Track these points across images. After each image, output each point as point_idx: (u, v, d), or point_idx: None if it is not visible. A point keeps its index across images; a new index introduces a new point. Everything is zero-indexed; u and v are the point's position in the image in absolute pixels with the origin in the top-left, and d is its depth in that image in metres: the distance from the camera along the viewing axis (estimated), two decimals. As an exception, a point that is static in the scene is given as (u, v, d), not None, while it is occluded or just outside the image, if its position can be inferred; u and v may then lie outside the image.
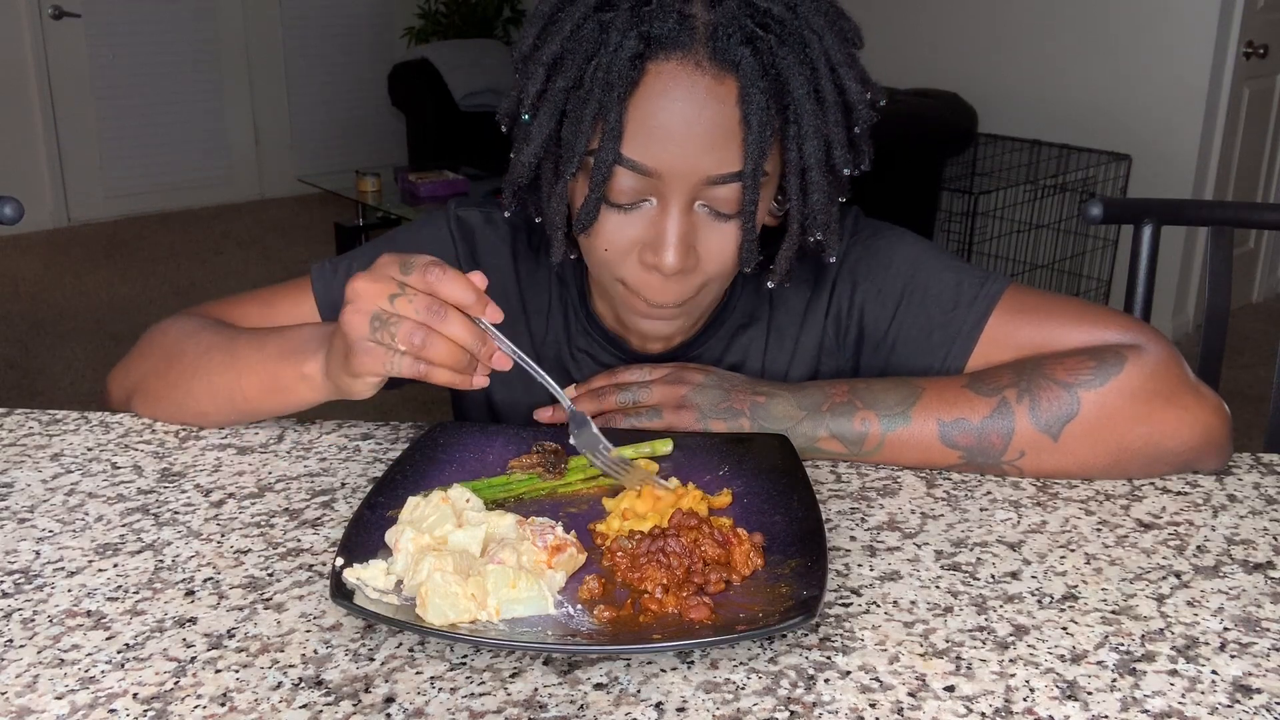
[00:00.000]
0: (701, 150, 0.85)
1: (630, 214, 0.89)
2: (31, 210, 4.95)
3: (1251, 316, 4.29)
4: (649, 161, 0.86)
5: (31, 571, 0.81)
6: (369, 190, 4.54)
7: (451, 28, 6.06)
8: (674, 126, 0.85)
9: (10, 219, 1.40)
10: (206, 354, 1.00)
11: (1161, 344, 0.96)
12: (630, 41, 0.84)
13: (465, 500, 0.81)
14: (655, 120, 0.85)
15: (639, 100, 0.85)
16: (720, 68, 0.85)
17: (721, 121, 0.85)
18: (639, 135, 0.85)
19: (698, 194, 0.88)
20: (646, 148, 0.85)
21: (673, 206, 0.88)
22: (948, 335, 1.00)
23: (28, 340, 4.11)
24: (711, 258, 0.91)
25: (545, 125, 0.88)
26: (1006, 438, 0.93)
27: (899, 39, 4.50)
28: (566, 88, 0.87)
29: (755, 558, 0.77)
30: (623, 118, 0.85)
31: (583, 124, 0.86)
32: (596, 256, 0.93)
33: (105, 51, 5.46)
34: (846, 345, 1.06)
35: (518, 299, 1.09)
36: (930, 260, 1.04)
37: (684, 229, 0.88)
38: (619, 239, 0.90)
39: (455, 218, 1.09)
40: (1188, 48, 3.86)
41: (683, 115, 0.85)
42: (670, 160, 0.86)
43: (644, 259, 0.90)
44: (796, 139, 0.88)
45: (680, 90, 0.85)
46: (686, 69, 0.84)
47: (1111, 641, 0.72)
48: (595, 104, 0.85)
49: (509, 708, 0.66)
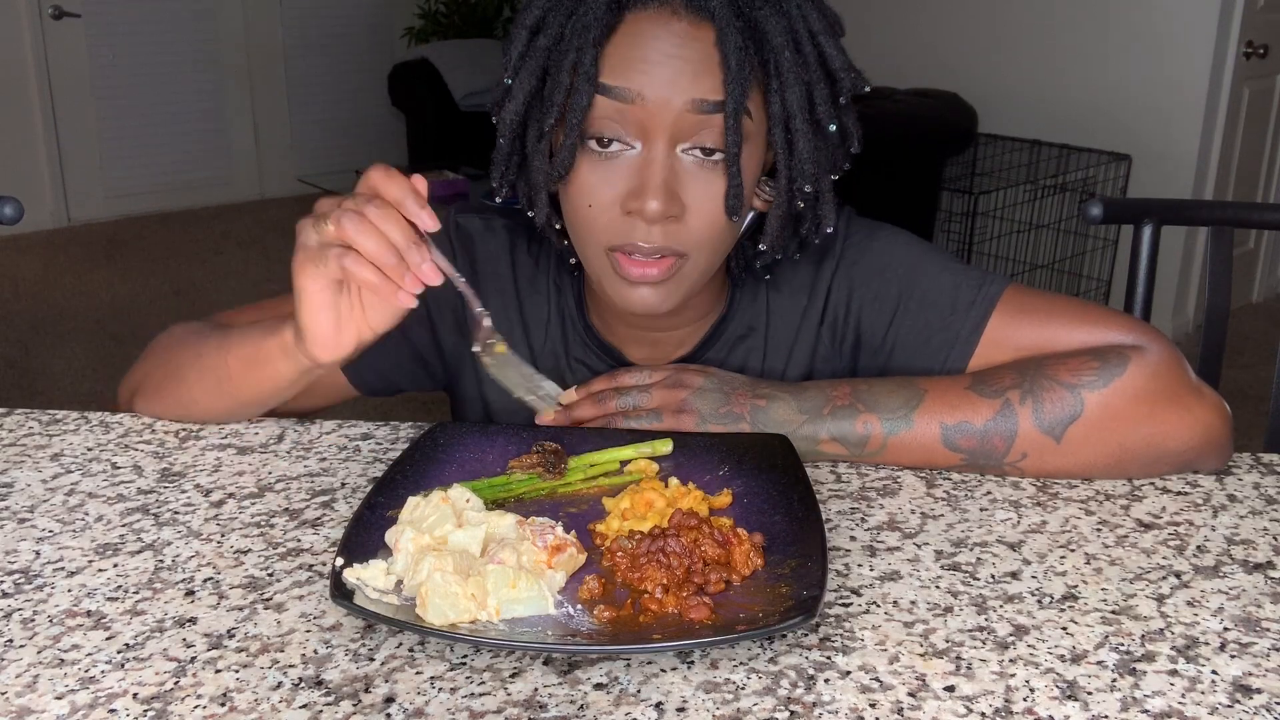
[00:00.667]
0: (682, 79, 0.86)
1: (613, 163, 0.88)
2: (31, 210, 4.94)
3: (1251, 316, 4.29)
4: (630, 85, 0.86)
5: (31, 571, 0.81)
6: (369, 190, 4.53)
7: (451, 28, 6.06)
8: (654, 59, 0.86)
9: (10, 219, 1.40)
10: (203, 342, 1.01)
11: (1163, 344, 0.96)
12: None
13: (465, 500, 0.81)
14: (633, 55, 0.86)
15: (615, 41, 0.86)
16: (696, 14, 0.86)
17: (700, 58, 0.86)
18: (617, 67, 0.86)
19: (680, 133, 0.87)
20: (626, 76, 0.86)
21: (656, 147, 0.87)
22: (946, 340, 1.00)
23: (28, 340, 4.11)
24: (698, 210, 0.89)
25: (526, 82, 0.89)
26: (1009, 440, 0.93)
27: (899, 39, 4.50)
28: (548, 45, 0.88)
29: (755, 558, 0.77)
30: (598, 59, 0.86)
31: (562, 74, 0.87)
32: (580, 217, 0.91)
33: (105, 51, 5.46)
34: (843, 351, 1.06)
35: (516, 307, 1.08)
36: (926, 263, 1.03)
37: (667, 172, 0.88)
38: (602, 192, 0.89)
39: (455, 224, 1.09)
40: (1188, 48, 3.86)
41: (660, 51, 0.86)
42: (650, 85, 0.86)
43: (627, 205, 0.89)
44: (779, 90, 0.88)
45: (658, 30, 0.86)
46: (663, 16, 0.86)
47: (1111, 641, 0.72)
48: (574, 52, 0.86)
49: (509, 708, 0.66)
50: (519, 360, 0.91)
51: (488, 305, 1.07)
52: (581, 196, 0.90)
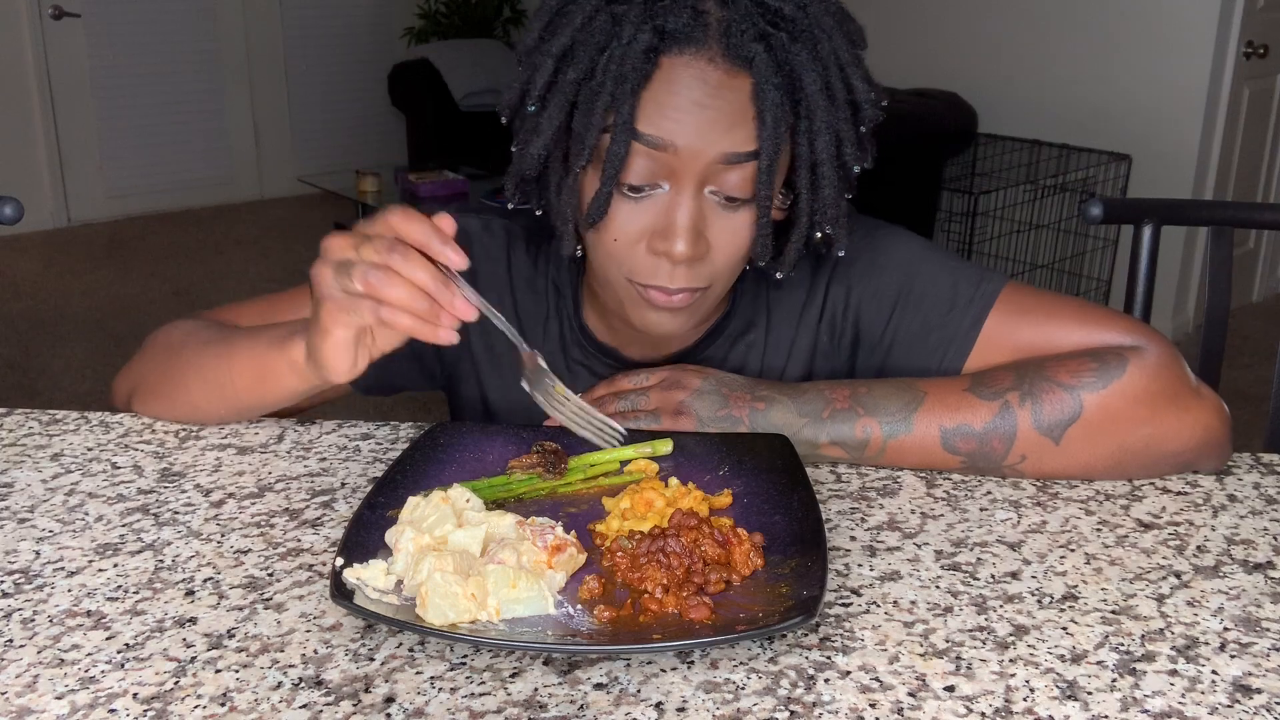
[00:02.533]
0: (715, 128, 0.85)
1: (641, 203, 0.89)
2: (31, 210, 4.95)
3: (1251, 316, 4.29)
4: (663, 135, 0.85)
5: (31, 571, 0.81)
6: (369, 190, 4.54)
7: (451, 28, 6.06)
8: (687, 108, 0.85)
9: (10, 219, 1.40)
10: (204, 347, 1.01)
11: (1162, 345, 0.96)
12: (644, 35, 0.84)
13: (465, 500, 0.81)
14: (668, 104, 0.85)
15: (652, 90, 0.85)
16: (733, 64, 0.85)
17: (735, 108, 0.85)
18: (652, 116, 0.85)
19: (709, 177, 0.87)
20: (659, 125, 0.85)
21: (684, 191, 0.87)
22: (944, 337, 1.00)
23: (28, 340, 4.11)
24: (722, 247, 0.90)
25: (555, 117, 0.88)
26: (1008, 442, 0.93)
27: (899, 39, 4.50)
28: (577, 79, 0.86)
29: (755, 558, 0.77)
30: (635, 109, 0.85)
31: (594, 115, 0.85)
32: (605, 249, 0.92)
33: (105, 51, 5.46)
34: (842, 348, 1.06)
35: (512, 307, 1.08)
36: (925, 260, 1.03)
37: (694, 215, 0.88)
38: (629, 228, 0.90)
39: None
40: (1188, 48, 3.86)
41: (696, 99, 0.85)
42: (684, 135, 0.85)
43: (653, 246, 0.89)
44: (808, 134, 0.88)
45: (693, 81, 0.85)
46: (699, 63, 0.85)
47: (1111, 641, 0.72)
48: (607, 95, 0.85)
49: (509, 708, 0.66)
50: (576, 398, 0.90)
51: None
52: (608, 232, 0.90)
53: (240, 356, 0.97)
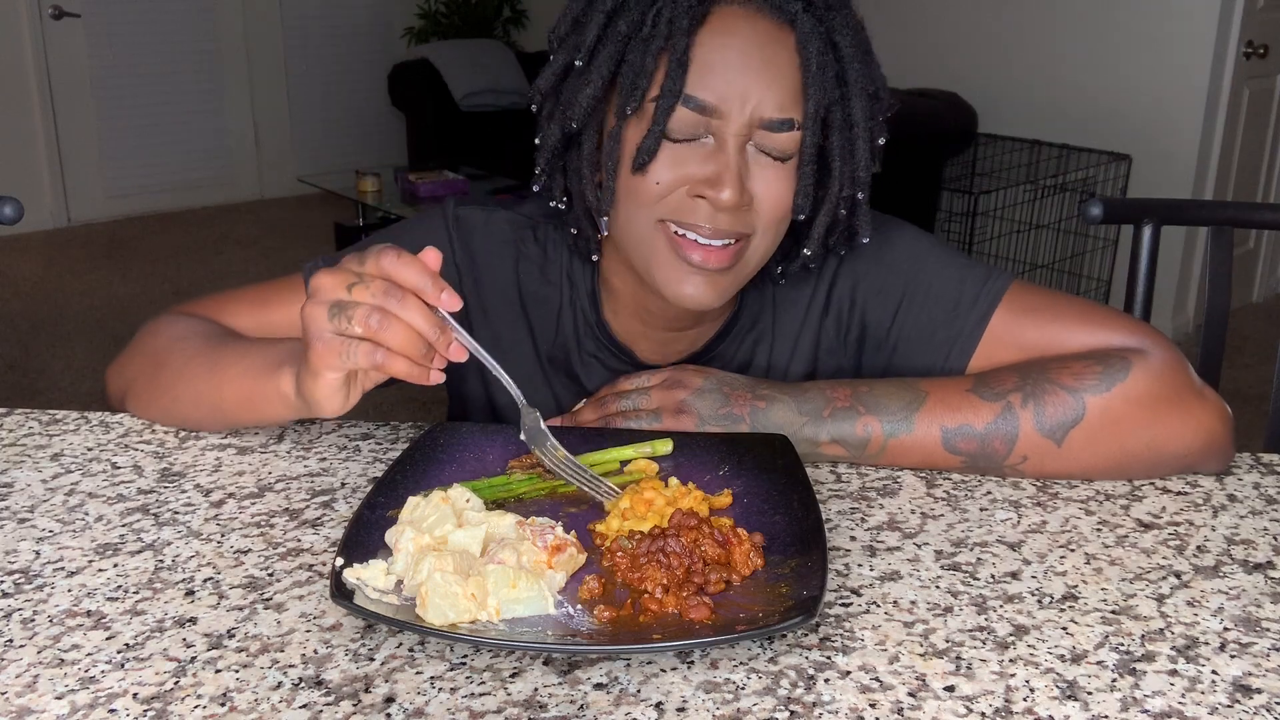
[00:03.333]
0: (758, 90, 0.88)
1: (685, 147, 0.90)
2: (31, 210, 4.95)
3: (1251, 316, 4.29)
4: (710, 99, 0.88)
5: (31, 571, 0.81)
6: (369, 190, 4.54)
7: (451, 28, 6.06)
8: (735, 63, 0.88)
9: (10, 219, 1.40)
10: (191, 361, 0.99)
11: (1166, 347, 0.96)
12: None
13: (465, 500, 0.81)
14: (718, 56, 0.88)
15: (704, 36, 0.88)
16: (779, 18, 0.89)
17: (780, 64, 0.88)
18: (701, 72, 0.87)
19: (750, 135, 0.90)
20: (708, 84, 0.88)
21: (728, 144, 0.89)
22: (949, 335, 1.00)
23: (28, 340, 4.11)
24: (765, 198, 0.91)
25: (605, 67, 0.90)
26: (1010, 443, 0.93)
27: (899, 39, 4.50)
28: (628, 32, 0.89)
29: (755, 558, 0.77)
30: (689, 51, 0.87)
31: (646, 61, 0.88)
32: (643, 195, 0.91)
33: (105, 51, 5.46)
34: (848, 344, 1.06)
35: (518, 299, 1.07)
36: (932, 257, 1.03)
37: (739, 166, 0.89)
38: (671, 172, 0.90)
39: (454, 216, 1.07)
40: (1188, 48, 3.86)
41: (744, 53, 0.88)
42: (730, 100, 0.87)
43: (697, 190, 0.90)
44: (844, 99, 0.91)
45: (743, 30, 0.88)
46: (748, 13, 0.89)
47: (1111, 641, 0.72)
48: (661, 40, 0.87)
49: (509, 708, 0.66)
50: (573, 458, 0.90)
51: (486, 299, 1.07)
52: (648, 179, 0.91)
53: (228, 378, 0.96)
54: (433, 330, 0.78)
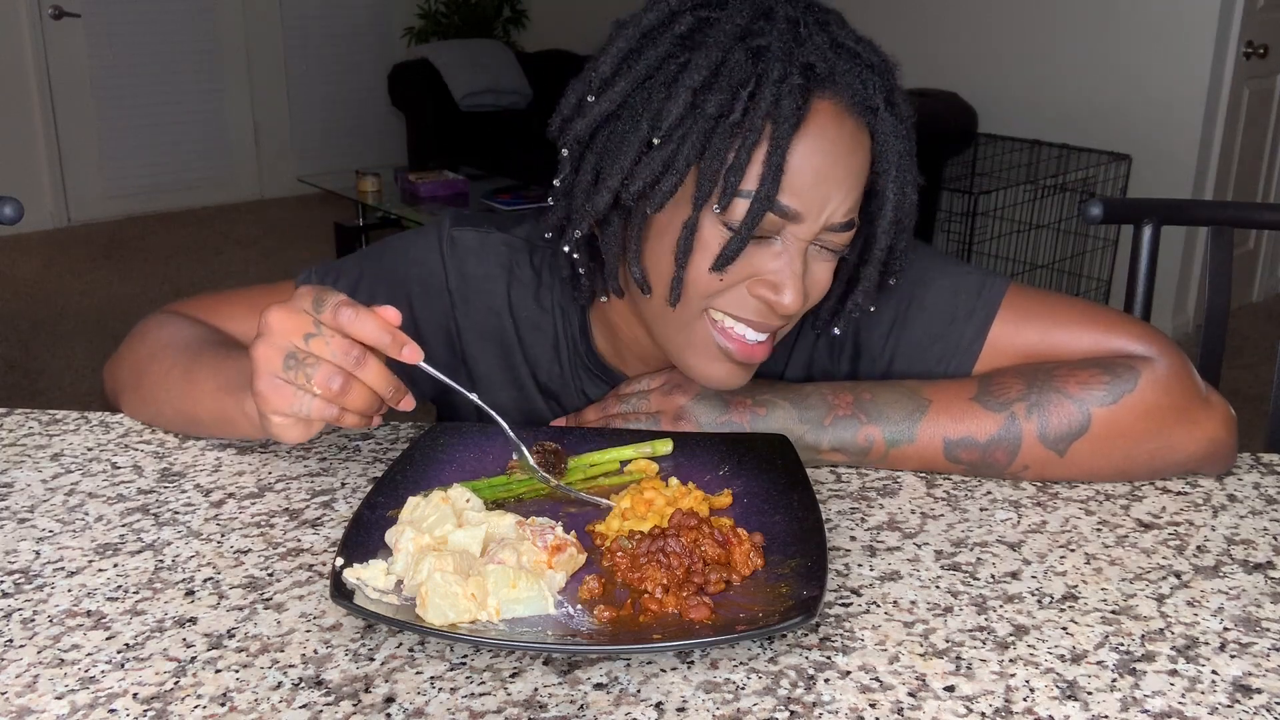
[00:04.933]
0: (839, 195, 0.84)
1: (754, 245, 0.86)
2: (31, 210, 4.95)
3: (1251, 316, 4.29)
4: (795, 204, 0.83)
5: (31, 571, 0.81)
6: (369, 190, 4.54)
7: (451, 28, 6.06)
8: (823, 170, 0.83)
9: (10, 219, 1.40)
10: (169, 374, 0.98)
11: (1172, 354, 0.94)
12: (796, 73, 0.81)
13: (465, 500, 0.81)
14: (809, 163, 0.83)
15: (801, 138, 0.82)
16: (859, 114, 0.84)
17: (855, 168, 0.85)
18: (794, 178, 0.83)
19: (816, 238, 0.86)
20: (795, 189, 0.83)
21: (798, 247, 0.86)
22: (946, 349, 0.98)
23: (28, 340, 4.11)
24: (813, 292, 0.89)
25: (691, 154, 0.82)
26: (1012, 453, 0.92)
27: (899, 39, 4.48)
28: (716, 114, 0.82)
29: (755, 558, 0.77)
30: (787, 154, 0.81)
31: (738, 158, 0.82)
32: (702, 286, 0.87)
33: (105, 51, 5.46)
34: (841, 362, 1.04)
35: (511, 324, 1.05)
36: (925, 269, 1.00)
37: (801, 268, 0.86)
38: (738, 271, 0.86)
39: (449, 238, 1.04)
40: (1188, 48, 3.86)
41: (832, 158, 0.83)
42: (812, 203, 0.84)
43: (757, 292, 0.87)
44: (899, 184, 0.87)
45: (835, 132, 0.83)
46: (838, 110, 0.83)
47: (1111, 641, 0.72)
48: (756, 134, 0.81)
49: (509, 708, 0.66)
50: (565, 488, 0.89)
51: (479, 322, 1.04)
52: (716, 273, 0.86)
53: (202, 394, 0.94)
54: (389, 389, 0.77)
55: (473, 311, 1.05)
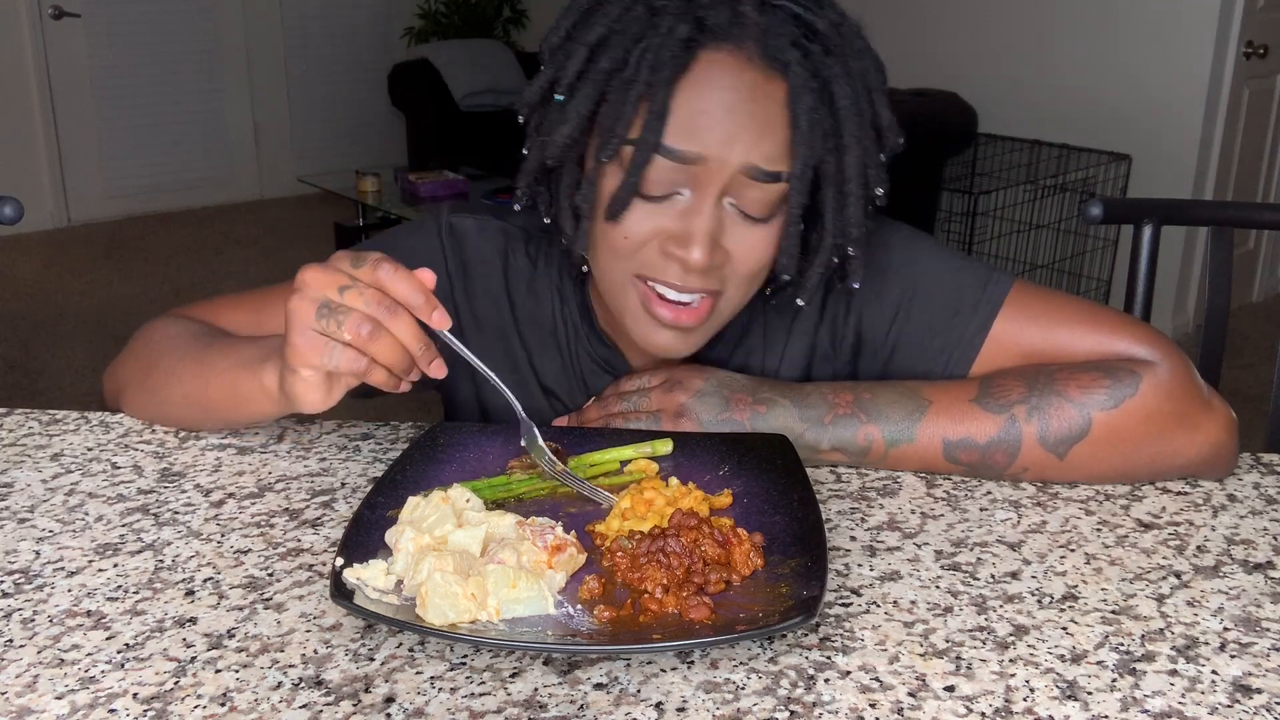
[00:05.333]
0: (745, 139, 0.83)
1: (659, 204, 0.87)
2: (31, 210, 4.95)
3: (1251, 316, 4.29)
4: (691, 148, 0.83)
5: (31, 571, 0.81)
6: (369, 190, 4.54)
7: (451, 28, 6.06)
8: (718, 113, 0.83)
9: (10, 219, 1.40)
10: (180, 362, 0.99)
11: (1174, 356, 0.94)
12: (684, 26, 0.83)
13: (465, 500, 0.81)
14: (700, 107, 0.83)
15: (685, 86, 0.83)
16: (769, 66, 0.84)
17: (767, 116, 0.84)
18: (682, 122, 0.83)
19: (730, 189, 0.86)
20: (689, 134, 0.83)
21: (706, 199, 0.85)
22: (949, 342, 0.98)
23: (28, 340, 4.11)
24: (740, 258, 0.88)
25: (583, 105, 0.86)
26: (1012, 456, 0.92)
27: (899, 39, 4.50)
28: (609, 69, 0.85)
29: (755, 558, 0.77)
30: (669, 101, 0.83)
31: (625, 107, 0.84)
32: (613, 246, 0.89)
33: (105, 51, 5.46)
34: (842, 352, 1.04)
35: (509, 310, 1.06)
36: (929, 261, 1.00)
37: (713, 223, 0.86)
38: (643, 228, 0.87)
39: (447, 225, 1.06)
40: (1188, 48, 3.86)
41: (729, 103, 0.83)
42: (713, 146, 0.83)
43: (667, 249, 0.87)
44: (837, 150, 0.87)
45: (729, 80, 0.83)
46: (737, 61, 0.83)
47: (1111, 641, 0.72)
48: (641, 85, 0.83)
49: (509, 708, 0.66)
50: (570, 474, 0.89)
51: (478, 308, 1.06)
52: (621, 231, 0.88)
53: (214, 374, 0.95)
54: (419, 346, 0.79)
55: (471, 296, 1.06)
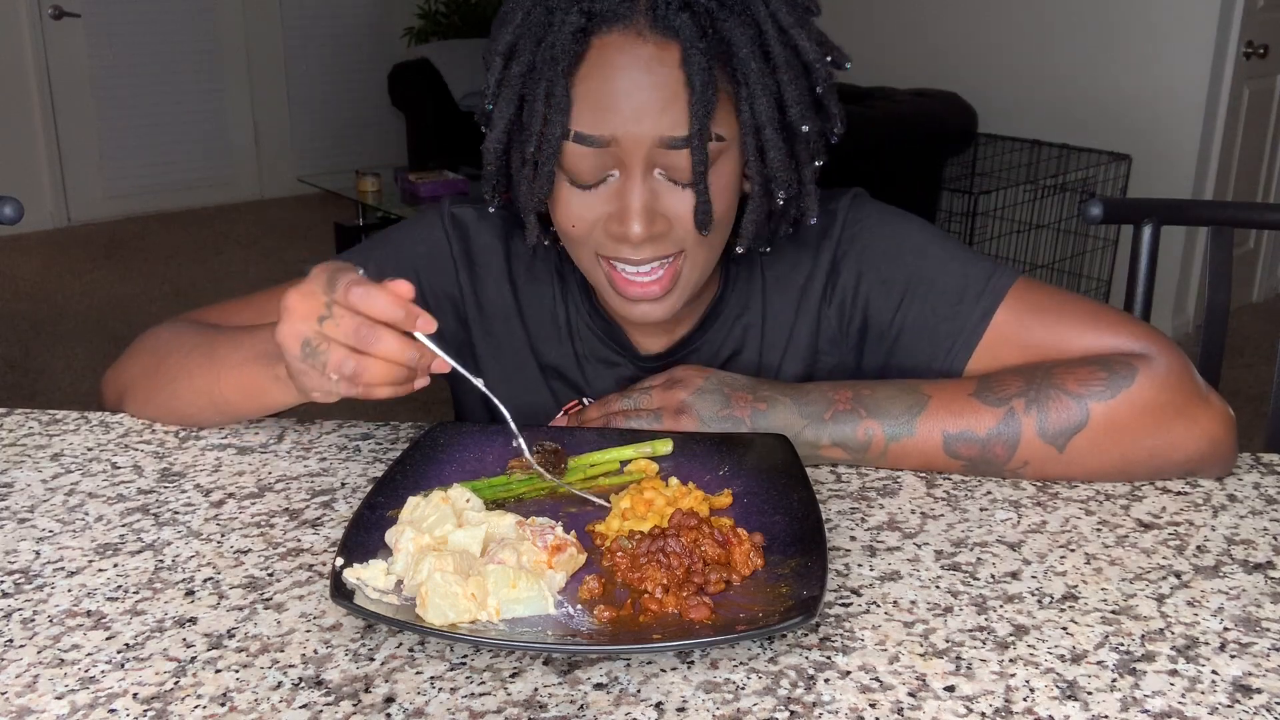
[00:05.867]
0: (650, 113, 0.87)
1: (594, 190, 0.91)
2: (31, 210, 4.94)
3: (1251, 316, 4.29)
4: (600, 131, 0.87)
5: (31, 571, 0.81)
6: (369, 190, 4.54)
7: (451, 28, 6.06)
8: (620, 94, 0.87)
9: (10, 219, 1.40)
10: (189, 356, 1.00)
11: (1172, 353, 0.94)
12: (572, 17, 0.86)
13: (465, 500, 0.81)
14: (601, 90, 0.87)
15: (585, 73, 0.87)
16: (662, 35, 0.87)
17: (667, 85, 0.87)
18: (587, 107, 0.87)
19: (653, 161, 0.89)
20: (596, 118, 0.87)
21: (633, 176, 0.89)
22: (952, 329, 0.99)
23: (28, 340, 4.11)
24: (683, 218, 0.91)
25: (505, 111, 0.91)
26: (1011, 449, 0.92)
27: (899, 39, 4.50)
28: (522, 72, 0.89)
29: (755, 558, 0.77)
30: (569, 91, 0.87)
31: (536, 104, 0.88)
32: (567, 234, 0.94)
33: (105, 51, 5.46)
34: (850, 335, 1.05)
35: (512, 295, 1.08)
36: (937, 249, 1.02)
37: (646, 196, 0.90)
38: (585, 215, 0.92)
39: (450, 215, 1.09)
40: (1188, 48, 3.86)
41: (628, 82, 0.87)
42: (621, 126, 0.87)
43: (610, 229, 0.91)
44: (747, 99, 0.90)
45: (624, 59, 0.87)
46: (629, 39, 0.87)
47: (1111, 641, 0.72)
48: (545, 82, 0.87)
49: (509, 708, 0.66)
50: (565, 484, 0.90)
51: (482, 295, 1.08)
52: (566, 219, 0.93)
53: (225, 367, 0.96)
54: (410, 357, 0.78)
55: (476, 281, 1.09)
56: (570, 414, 1.05)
